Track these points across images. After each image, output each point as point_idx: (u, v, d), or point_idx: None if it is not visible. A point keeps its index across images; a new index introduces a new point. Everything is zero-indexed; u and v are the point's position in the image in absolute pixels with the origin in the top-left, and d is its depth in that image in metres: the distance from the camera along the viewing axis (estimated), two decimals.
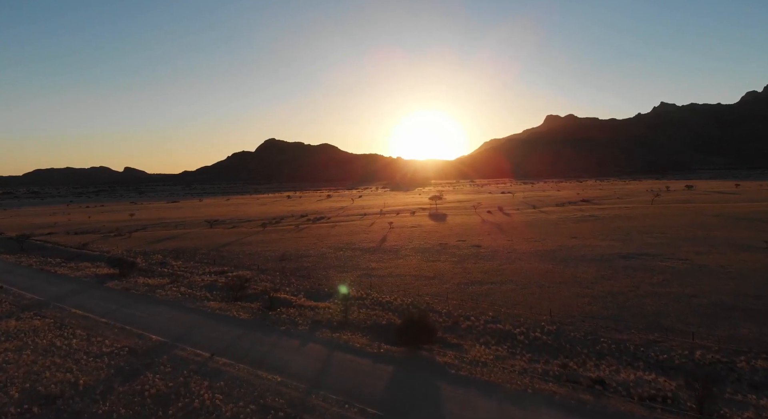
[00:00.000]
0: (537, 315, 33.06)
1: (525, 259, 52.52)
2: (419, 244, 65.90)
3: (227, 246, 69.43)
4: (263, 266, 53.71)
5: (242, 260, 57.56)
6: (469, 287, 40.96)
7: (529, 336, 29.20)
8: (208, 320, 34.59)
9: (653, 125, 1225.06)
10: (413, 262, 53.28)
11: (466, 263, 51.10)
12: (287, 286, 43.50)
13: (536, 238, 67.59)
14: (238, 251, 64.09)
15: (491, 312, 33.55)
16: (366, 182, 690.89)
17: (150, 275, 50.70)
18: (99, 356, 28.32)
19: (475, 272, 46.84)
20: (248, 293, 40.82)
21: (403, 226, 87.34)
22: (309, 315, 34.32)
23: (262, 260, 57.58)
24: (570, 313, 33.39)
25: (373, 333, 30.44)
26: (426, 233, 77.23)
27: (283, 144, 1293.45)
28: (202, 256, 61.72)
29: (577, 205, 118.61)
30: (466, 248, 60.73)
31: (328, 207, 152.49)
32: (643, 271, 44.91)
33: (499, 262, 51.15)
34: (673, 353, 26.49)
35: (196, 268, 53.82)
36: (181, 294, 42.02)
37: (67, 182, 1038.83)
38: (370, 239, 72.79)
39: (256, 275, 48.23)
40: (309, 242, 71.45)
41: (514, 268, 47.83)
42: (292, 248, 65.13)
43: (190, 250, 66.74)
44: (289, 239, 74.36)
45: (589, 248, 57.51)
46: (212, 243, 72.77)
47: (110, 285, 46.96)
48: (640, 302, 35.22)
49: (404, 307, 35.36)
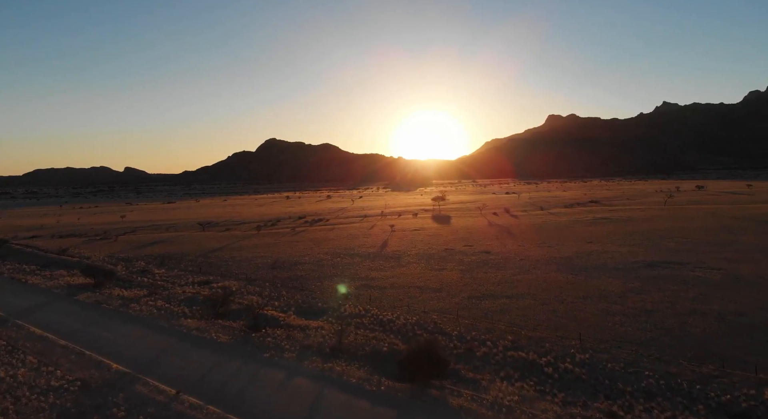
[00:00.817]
0: (564, 338, 28.39)
1: (540, 268, 47.82)
2: (423, 249, 61.24)
3: (217, 252, 64.82)
4: (253, 275, 49.06)
5: (231, 268, 52.92)
6: (482, 302, 36.27)
7: (559, 368, 24.51)
8: (182, 343, 29.95)
9: (656, 125, 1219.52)
10: (417, 270, 48.61)
11: (476, 273, 46.42)
12: (276, 300, 38.86)
13: (549, 243, 62.88)
14: (227, 258, 59.46)
15: (510, 336, 28.86)
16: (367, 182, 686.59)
17: (127, 286, 46.07)
18: (45, 392, 23.69)
19: (487, 283, 42.15)
20: (232, 308, 36.18)
21: (406, 229, 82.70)
22: (298, 338, 29.64)
23: (253, 268, 52.94)
24: (602, 336, 28.71)
25: (373, 364, 25.75)
26: (430, 237, 72.57)
27: (284, 144, 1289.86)
28: (189, 263, 57.11)
29: (586, 206, 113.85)
30: (474, 255, 56.04)
31: (327, 208, 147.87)
32: (675, 283, 40.20)
33: (511, 271, 46.46)
34: (737, 392, 21.76)
35: (179, 277, 49.19)
36: (157, 310, 37.37)
37: (68, 182, 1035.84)
38: (370, 243, 68.15)
39: (243, 287, 43.60)
40: (305, 247, 66.80)
41: (530, 279, 43.12)
42: (286, 254, 60.48)
43: (176, 256, 62.16)
44: (283, 244, 69.73)
45: (609, 255, 52.79)
46: (201, 248, 68.17)
47: (81, 298, 42.33)
48: (681, 323, 30.52)
49: (408, 328, 30.73)
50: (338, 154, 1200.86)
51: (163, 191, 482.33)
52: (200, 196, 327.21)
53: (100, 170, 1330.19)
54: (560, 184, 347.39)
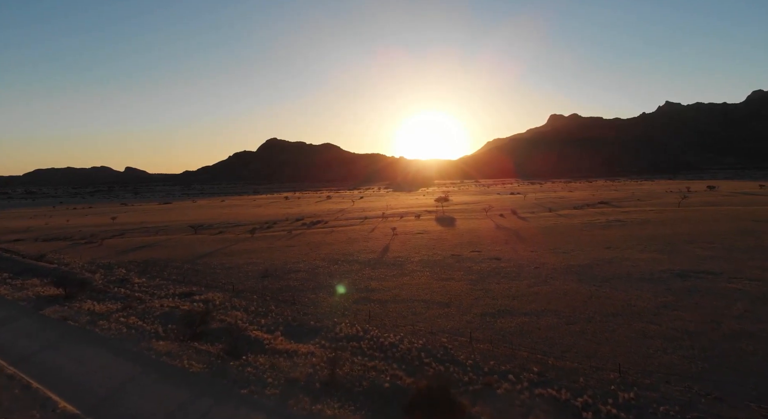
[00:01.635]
0: (600, 370, 23.93)
1: (558, 277, 43.33)
2: (427, 255, 56.78)
3: (206, 257, 60.43)
4: (241, 285, 44.64)
5: (218, 277, 48.50)
6: (497, 321, 31.80)
7: (600, 413, 20.00)
8: (148, 373, 25.51)
9: (658, 125, 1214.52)
10: (422, 280, 44.15)
11: (488, 283, 41.94)
12: (264, 316, 34.42)
13: (563, 248, 58.37)
14: (216, 265, 55.04)
15: (536, 366, 24.40)
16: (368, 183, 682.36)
17: (101, 298, 41.65)
18: None
19: (501, 296, 37.67)
20: (211, 327, 31.74)
21: (408, 232, 78.22)
22: (284, 368, 25.19)
23: (242, 276, 48.51)
24: (645, 367, 24.24)
25: (372, 405, 21.23)
26: (434, 241, 68.11)
27: (285, 144, 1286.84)
28: (174, 270, 52.70)
29: (597, 207, 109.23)
30: (484, 262, 51.55)
31: (326, 209, 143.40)
32: (713, 297, 35.70)
33: (527, 282, 41.97)
34: None
35: (159, 288, 44.78)
36: (128, 328, 32.96)
37: (68, 181, 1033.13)
38: (370, 248, 63.71)
39: (228, 300, 39.19)
40: (300, 252, 62.38)
41: (549, 291, 38.64)
42: (279, 261, 56.04)
43: (162, 262, 57.77)
44: (278, 249, 65.30)
45: (631, 263, 48.28)
46: (190, 254, 63.79)
47: (47, 312, 37.94)
48: (733, 349, 26.03)
49: (414, 355, 26.26)
50: (339, 154, 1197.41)
51: (162, 191, 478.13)
52: (198, 196, 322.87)
53: (100, 169, 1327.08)
54: (565, 184, 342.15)
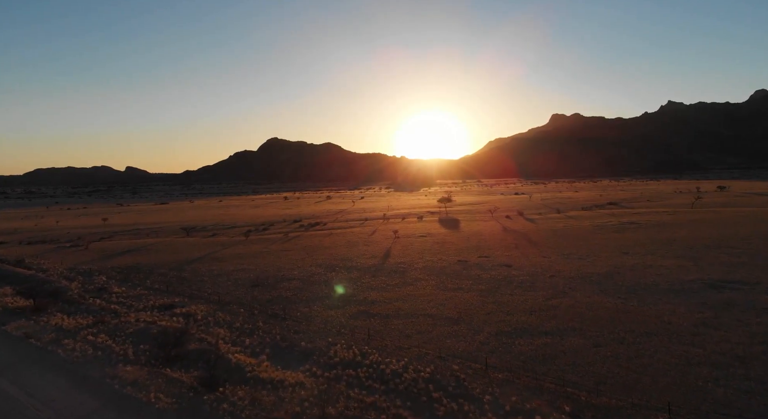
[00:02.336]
0: (644, 408, 19.89)
1: (577, 288, 39.36)
2: (432, 261, 52.85)
3: (194, 263, 56.58)
4: (228, 295, 40.75)
5: (204, 286, 44.61)
6: (515, 342, 27.85)
7: None
8: (107, 408, 21.53)
9: (661, 124, 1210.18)
10: (427, 290, 40.23)
11: (500, 294, 37.99)
12: (249, 334, 30.50)
13: (578, 253, 54.39)
14: (204, 272, 51.15)
15: (566, 403, 20.37)
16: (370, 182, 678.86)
17: (73, 311, 37.78)
18: None
19: (516, 310, 33.71)
20: (189, 348, 27.88)
21: (411, 235, 74.28)
22: (267, 404, 21.21)
23: (231, 285, 44.61)
24: (698, 404, 20.18)
25: None
26: (439, 245, 64.15)
27: (286, 143, 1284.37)
28: (158, 278, 48.81)
29: (606, 209, 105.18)
30: (494, 269, 47.59)
31: (325, 210, 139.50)
32: (755, 312, 31.65)
33: (543, 293, 38.01)
34: None
35: (139, 299, 40.91)
36: (94, 349, 29.06)
37: (68, 181, 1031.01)
38: (370, 253, 59.80)
39: (211, 314, 35.30)
40: (296, 257, 58.48)
41: (569, 304, 34.67)
42: (272, 267, 52.12)
43: (147, 268, 53.92)
44: (272, 253, 61.41)
45: (655, 270, 44.29)
46: (178, 259, 59.95)
47: (10, 328, 34.00)
48: None
49: (420, 387, 22.24)
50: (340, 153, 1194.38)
51: (161, 191, 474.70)
52: (197, 196, 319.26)
53: (101, 169, 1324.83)
54: (569, 184, 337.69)
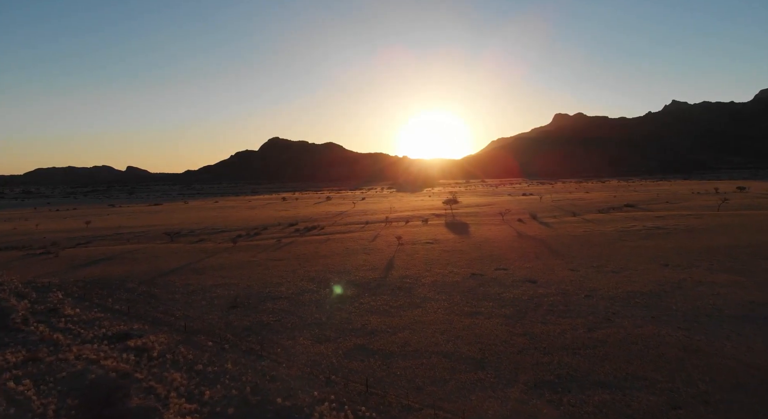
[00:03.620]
0: None
1: (622, 313, 32.28)
2: (442, 274, 45.85)
3: (170, 275, 49.65)
4: (198, 320, 33.81)
5: (173, 307, 37.69)
6: (564, 400, 20.61)
7: None
8: None
9: (664, 124, 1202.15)
10: (439, 314, 33.24)
11: (529, 322, 30.93)
12: (212, 383, 23.51)
13: (610, 265, 47.32)
14: (179, 286, 44.22)
15: None
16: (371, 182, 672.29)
17: (8, 342, 30.70)
18: None
19: (555, 346, 26.63)
20: (126, 407, 21.03)
21: (416, 241, 67.27)
22: None
23: (204, 306, 37.68)
24: None
25: None
26: (447, 253, 57.12)
27: (287, 143, 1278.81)
28: (124, 295, 41.88)
29: (624, 211, 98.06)
30: (516, 285, 40.57)
31: (324, 212, 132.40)
32: None
33: (583, 320, 30.99)
34: None
35: (92, 324, 33.97)
36: (8, 403, 21.95)
37: (69, 181, 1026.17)
38: (371, 263, 52.79)
39: (172, 348, 28.38)
40: (286, 268, 51.49)
41: (620, 338, 27.61)
42: (257, 282, 45.17)
43: (115, 281, 47.01)
44: (260, 264, 54.43)
45: (708, 289, 37.20)
46: (154, 269, 53.01)
47: None
48: None
49: None
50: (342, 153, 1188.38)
51: (159, 191, 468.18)
52: (194, 197, 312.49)
53: (101, 169, 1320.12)
54: (577, 184, 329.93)
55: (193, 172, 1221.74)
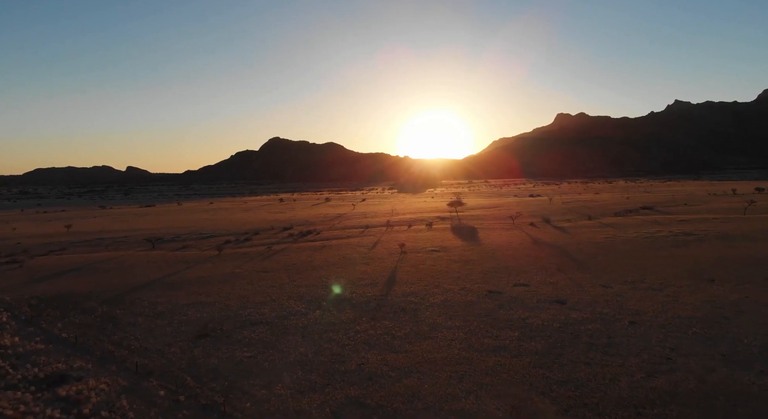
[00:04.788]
0: None
1: (683, 348, 25.77)
2: (452, 291, 39.53)
3: (140, 291, 43.42)
4: (157, 356, 27.56)
5: (132, 335, 31.41)
6: None
7: None
8: None
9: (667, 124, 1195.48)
10: (454, 350, 26.74)
11: (568, 364, 24.37)
12: None
13: (646, 280, 40.91)
14: (144, 307, 37.96)
15: None
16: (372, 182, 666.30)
17: None
18: None
19: (609, 404, 20.13)
20: None
21: (420, 249, 61.00)
22: None
23: (170, 334, 31.39)
24: None
25: None
26: (457, 264, 50.78)
27: (288, 143, 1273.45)
28: (79, 317, 35.57)
29: (642, 214, 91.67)
30: (542, 307, 34.19)
31: (322, 215, 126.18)
32: None
33: (636, 360, 24.51)
34: None
35: (27, 359, 27.54)
36: None
37: (69, 181, 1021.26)
38: (370, 276, 46.48)
39: (113, 399, 22.13)
40: (273, 282, 45.17)
41: (690, 389, 21.07)
42: (237, 300, 38.85)
43: (75, 299, 40.76)
44: (243, 277, 48.13)
45: None
46: (124, 283, 46.78)
47: None
48: None
49: None
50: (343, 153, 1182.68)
51: (156, 191, 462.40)
52: (191, 197, 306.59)
53: (101, 169, 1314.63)
54: (584, 185, 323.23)
55: (194, 172, 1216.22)
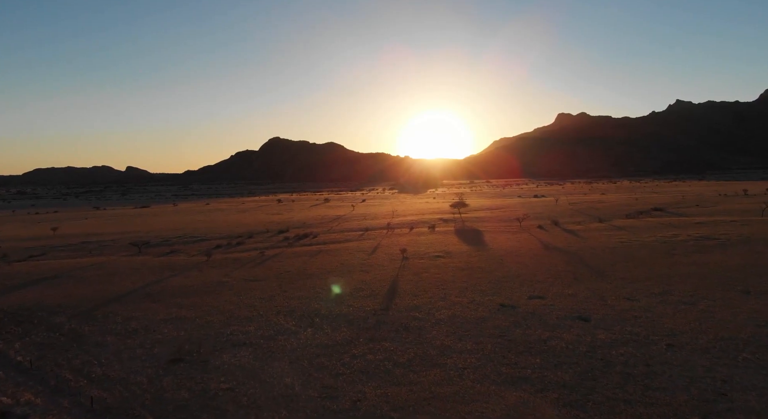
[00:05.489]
0: None
1: (740, 380, 21.37)
2: (461, 305, 35.45)
3: (116, 303, 39.51)
4: (119, 387, 23.42)
5: (97, 357, 27.46)
6: None
7: None
8: None
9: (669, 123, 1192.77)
10: (467, 382, 22.38)
11: (606, 400, 19.98)
12: None
13: (674, 292, 36.82)
14: (118, 322, 34.00)
15: None
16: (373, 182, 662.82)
17: None
18: None
19: None
20: None
21: (424, 254, 57.01)
22: None
23: (140, 357, 27.38)
24: None
25: None
26: (463, 272, 46.77)
27: (288, 143, 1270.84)
28: (41, 335, 31.52)
29: (654, 216, 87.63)
30: (563, 326, 30.08)
31: (320, 217, 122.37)
32: None
33: (688, 397, 20.05)
34: None
35: None
36: None
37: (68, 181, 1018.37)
38: (369, 286, 42.48)
39: None
40: (261, 294, 41.14)
41: None
42: (220, 316, 34.83)
43: (45, 311, 36.73)
44: (230, 287, 44.12)
45: None
46: (100, 294, 42.82)
47: None
48: None
49: None
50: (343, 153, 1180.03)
51: (154, 191, 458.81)
52: (188, 198, 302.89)
53: (101, 169, 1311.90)
54: (588, 185, 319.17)
55: (194, 172, 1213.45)
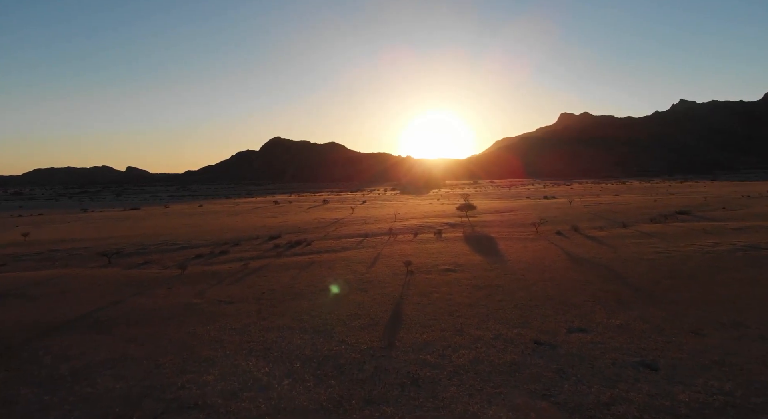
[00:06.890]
0: None
1: None
2: (483, 340, 27.24)
3: (54, 335, 31.93)
4: None
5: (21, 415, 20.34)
6: None
7: None
8: None
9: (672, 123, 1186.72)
10: None
11: None
12: None
13: (750, 324, 28.15)
14: (45, 365, 26.33)
15: None
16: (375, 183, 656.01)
17: None
18: None
19: None
20: None
21: (431, 268, 49.34)
22: None
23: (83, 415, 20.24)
24: None
25: None
26: (481, 291, 39.02)
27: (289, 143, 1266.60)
28: None
29: (681, 221, 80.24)
30: (625, 378, 21.89)
31: (317, 220, 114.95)
32: None
33: None
34: None
35: None
36: None
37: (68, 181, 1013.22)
38: (366, 312, 34.50)
39: None
40: (234, 323, 33.09)
41: None
42: (175, 357, 27.05)
43: None
44: (199, 312, 36.40)
45: None
46: (42, 320, 35.17)
47: None
48: None
49: None
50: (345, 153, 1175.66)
51: (151, 192, 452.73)
52: (184, 199, 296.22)
53: (101, 169, 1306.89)
54: (597, 186, 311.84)
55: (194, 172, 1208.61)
